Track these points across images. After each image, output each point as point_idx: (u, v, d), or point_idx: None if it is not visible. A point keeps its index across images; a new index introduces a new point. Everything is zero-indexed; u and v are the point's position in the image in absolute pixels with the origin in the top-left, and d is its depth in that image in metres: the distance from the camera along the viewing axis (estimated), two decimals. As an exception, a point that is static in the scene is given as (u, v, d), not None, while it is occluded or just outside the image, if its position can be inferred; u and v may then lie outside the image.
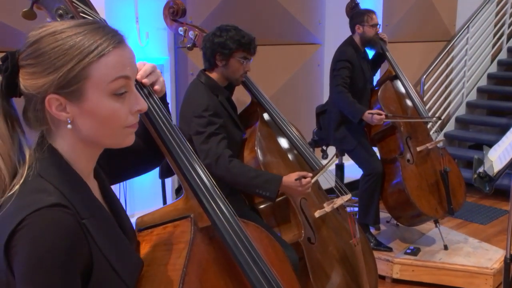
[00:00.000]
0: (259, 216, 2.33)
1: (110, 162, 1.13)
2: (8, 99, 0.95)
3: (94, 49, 0.90)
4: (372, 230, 3.51)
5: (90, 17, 1.31)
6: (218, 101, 2.30)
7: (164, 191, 2.61)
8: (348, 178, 4.06)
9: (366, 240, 2.65)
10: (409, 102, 3.54)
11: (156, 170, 2.43)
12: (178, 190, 2.63)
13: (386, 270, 3.25)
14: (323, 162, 2.53)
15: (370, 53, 3.55)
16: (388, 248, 3.35)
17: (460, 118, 5.69)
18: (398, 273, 3.24)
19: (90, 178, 1.03)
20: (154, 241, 1.17)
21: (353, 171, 3.87)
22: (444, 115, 5.50)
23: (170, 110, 1.30)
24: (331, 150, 3.64)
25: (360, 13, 3.40)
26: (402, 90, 3.55)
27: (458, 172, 3.60)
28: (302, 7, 4.28)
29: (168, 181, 3.20)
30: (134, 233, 1.17)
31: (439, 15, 5.61)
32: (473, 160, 2.33)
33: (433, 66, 5.37)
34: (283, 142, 2.51)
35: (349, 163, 3.80)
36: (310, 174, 2.23)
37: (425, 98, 5.24)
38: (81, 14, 1.32)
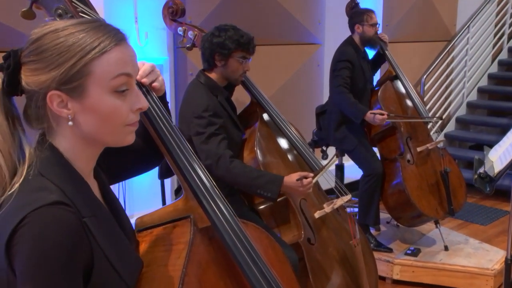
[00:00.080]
0: (259, 216, 2.32)
1: (110, 162, 1.13)
2: (9, 97, 0.95)
3: (97, 46, 0.91)
4: (372, 231, 3.51)
5: (89, 16, 1.31)
6: (217, 101, 2.29)
7: (163, 192, 2.61)
8: (348, 179, 4.06)
9: (366, 240, 2.65)
10: (409, 103, 3.53)
11: (155, 171, 2.46)
12: (178, 191, 2.62)
13: (386, 271, 3.24)
14: (323, 162, 2.52)
15: (370, 53, 3.54)
16: (388, 249, 3.34)
17: (460, 119, 5.68)
18: (398, 274, 3.23)
19: (90, 177, 1.03)
20: (154, 241, 1.17)
21: (353, 172, 3.86)
22: (444, 116, 5.49)
23: (170, 110, 1.29)
24: (331, 150, 3.63)
25: (359, 12, 3.40)
26: (402, 90, 3.54)
27: (459, 172, 3.59)
28: (302, 7, 4.28)
29: (167, 181, 3.20)
30: (134, 233, 1.17)
31: (440, 15, 5.60)
32: (473, 160, 2.33)
33: (433, 66, 5.36)
34: (283, 143, 2.50)
35: (349, 164, 3.79)
36: (311, 174, 2.22)
37: (425, 98, 5.23)
38: (80, 14, 1.32)
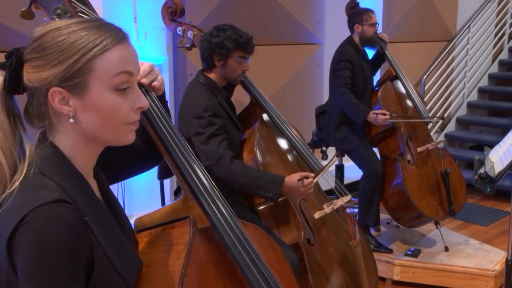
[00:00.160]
0: (258, 217, 2.32)
1: (110, 161, 1.13)
2: (10, 96, 0.96)
3: (99, 43, 0.92)
4: (372, 232, 3.50)
5: (88, 16, 1.31)
6: (217, 101, 2.29)
7: (162, 192, 2.60)
8: (348, 179, 4.05)
9: (366, 241, 2.64)
10: (409, 103, 3.52)
11: (154, 171, 2.45)
12: (177, 191, 2.61)
13: (386, 272, 3.23)
14: (323, 163, 2.51)
15: (370, 53, 3.54)
16: (388, 249, 3.33)
17: (461, 119, 5.68)
18: (399, 274, 3.22)
19: (90, 177, 1.03)
20: (153, 242, 1.17)
21: (353, 172, 3.85)
22: (445, 116, 5.48)
23: (169, 109, 1.29)
24: (331, 151, 3.62)
25: (359, 12, 3.39)
26: (403, 91, 3.53)
27: (459, 173, 3.58)
28: (301, 7, 4.27)
29: (166, 182, 3.19)
30: (133, 233, 1.17)
31: (440, 15, 5.59)
32: (474, 161, 2.32)
33: (433, 66, 5.35)
34: (283, 143, 2.50)
35: (349, 164, 3.78)
36: (312, 174, 2.22)
37: (425, 99, 5.22)
38: (79, 13, 1.32)
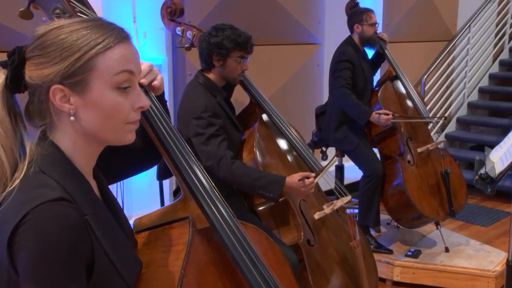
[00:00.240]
0: (258, 218, 2.31)
1: (109, 161, 1.13)
2: (12, 94, 0.96)
3: (101, 41, 0.92)
4: (372, 232, 3.49)
5: (88, 16, 1.30)
6: (216, 101, 2.28)
7: (162, 193, 2.59)
8: (348, 180, 4.04)
9: (366, 242, 2.64)
10: (409, 103, 3.51)
11: (153, 172, 2.44)
12: (176, 192, 2.61)
13: (386, 273, 3.22)
14: (323, 163, 2.50)
15: (370, 53, 3.53)
16: (388, 250, 3.32)
17: (461, 119, 5.67)
18: (399, 275, 3.21)
19: (90, 177, 1.03)
20: (152, 242, 1.17)
21: (353, 173, 3.84)
22: (445, 115, 5.47)
23: (168, 109, 1.29)
24: (331, 151, 3.61)
25: (358, 12, 3.38)
26: (403, 91, 3.52)
27: (459, 173, 3.57)
28: (301, 7, 4.26)
29: (166, 182, 3.17)
30: (133, 234, 1.17)
31: (440, 15, 5.59)
32: (474, 161, 2.31)
33: (434, 66, 5.34)
34: (282, 143, 2.49)
35: (349, 164, 3.77)
36: (313, 174, 2.22)
37: (426, 99, 5.21)
38: (78, 13, 1.31)
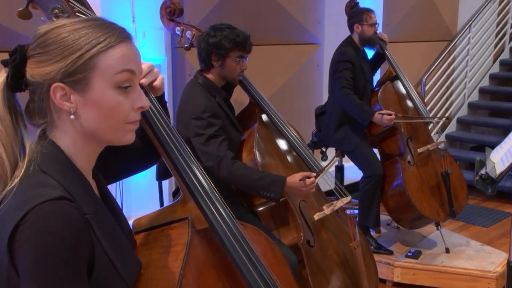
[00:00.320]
0: (258, 218, 2.30)
1: (109, 161, 1.12)
2: (13, 93, 0.96)
3: (103, 40, 0.93)
4: (372, 233, 3.48)
5: (87, 16, 1.29)
6: (215, 102, 2.28)
7: (161, 194, 2.58)
8: (348, 180, 4.03)
9: (366, 243, 2.63)
10: (409, 103, 3.50)
11: (153, 173, 2.43)
12: (175, 193, 2.60)
13: (386, 274, 3.21)
14: (323, 164, 2.49)
15: (369, 53, 3.51)
16: (388, 251, 3.32)
17: (461, 119, 5.66)
18: (399, 276, 3.20)
19: (90, 177, 1.03)
20: (151, 243, 1.17)
21: (353, 173, 3.83)
22: (446, 115, 5.46)
23: (168, 110, 1.29)
24: (331, 151, 3.60)
25: (358, 12, 3.37)
26: (403, 91, 3.51)
27: (460, 174, 3.56)
28: (301, 7, 4.25)
29: (165, 183, 3.15)
30: (132, 234, 1.17)
31: (441, 15, 5.58)
32: (475, 161, 2.30)
33: (434, 66, 5.33)
34: (282, 144, 2.48)
35: (349, 165, 3.77)
36: (314, 174, 2.21)
37: (426, 99, 5.20)
38: (77, 13, 1.31)
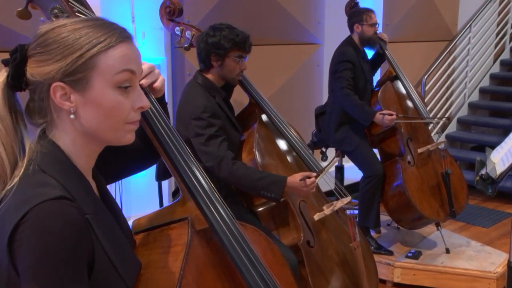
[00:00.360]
0: (257, 219, 2.30)
1: (108, 161, 1.12)
2: (13, 92, 0.96)
3: (103, 40, 0.93)
4: (372, 233, 3.48)
5: (86, 16, 1.29)
6: (215, 102, 2.27)
7: (160, 194, 2.58)
8: (348, 180, 4.03)
9: (366, 243, 2.63)
10: (409, 103, 3.50)
11: (152, 173, 2.42)
12: (175, 193, 2.60)
13: (387, 274, 3.21)
14: (323, 164, 2.49)
15: (369, 53, 3.51)
16: (389, 251, 3.31)
17: (462, 119, 5.65)
18: (399, 277, 3.20)
19: (89, 177, 1.03)
20: (151, 243, 1.17)
21: (353, 173, 3.83)
22: (446, 115, 5.45)
23: (168, 111, 1.29)
24: (331, 152, 3.59)
25: (359, 12, 3.36)
26: (403, 91, 3.50)
27: (460, 174, 3.56)
28: (301, 7, 4.25)
29: (164, 183, 3.15)
30: (132, 235, 1.17)
31: (441, 15, 5.57)
32: (475, 162, 2.29)
33: (434, 66, 5.33)
34: (282, 144, 2.48)
35: (349, 165, 3.76)
36: (314, 174, 2.21)
37: (426, 99, 5.20)
38: (76, 13, 1.31)
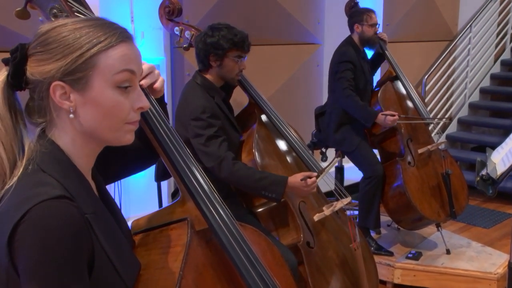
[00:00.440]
0: (257, 219, 2.29)
1: (108, 161, 1.12)
2: (13, 91, 0.96)
3: (104, 40, 0.93)
4: (372, 234, 3.47)
5: (85, 16, 1.29)
6: (214, 102, 2.27)
7: (160, 194, 2.57)
8: (348, 181, 4.02)
9: (366, 244, 2.62)
10: (410, 103, 3.49)
11: (152, 173, 2.41)
12: (174, 194, 2.59)
13: (387, 275, 3.20)
14: (323, 164, 2.48)
15: (369, 53, 3.50)
16: (389, 252, 3.30)
17: (462, 120, 5.64)
18: (400, 278, 3.19)
19: (89, 177, 1.03)
20: (150, 244, 1.16)
21: (353, 174, 3.82)
22: (447, 116, 5.44)
23: (167, 111, 1.29)
24: (331, 152, 3.58)
25: (359, 12, 3.36)
26: (403, 91, 3.50)
27: (461, 174, 3.55)
28: (301, 7, 4.24)
29: (164, 184, 3.14)
30: (131, 235, 1.17)
31: (441, 14, 5.56)
32: (475, 162, 2.29)
33: (435, 67, 5.32)
34: (282, 144, 2.47)
35: (349, 166, 3.75)
36: (315, 174, 2.21)
37: (427, 99, 5.19)
38: (76, 13, 1.30)
